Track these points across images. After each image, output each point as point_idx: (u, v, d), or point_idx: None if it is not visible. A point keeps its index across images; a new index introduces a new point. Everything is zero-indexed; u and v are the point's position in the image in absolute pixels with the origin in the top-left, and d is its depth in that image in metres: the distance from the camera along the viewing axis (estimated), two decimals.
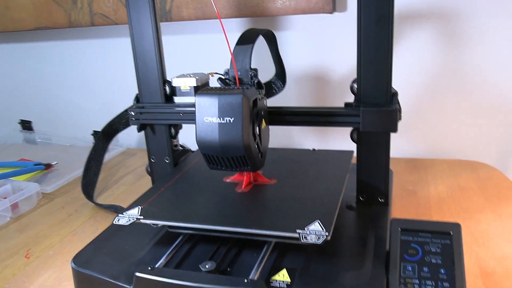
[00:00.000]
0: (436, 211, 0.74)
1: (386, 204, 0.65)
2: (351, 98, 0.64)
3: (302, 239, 0.49)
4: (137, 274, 0.50)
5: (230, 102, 0.54)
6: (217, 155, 0.57)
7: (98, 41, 1.16)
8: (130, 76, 1.14)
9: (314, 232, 0.49)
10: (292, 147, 1.04)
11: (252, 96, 0.56)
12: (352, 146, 0.67)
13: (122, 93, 1.18)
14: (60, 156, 1.09)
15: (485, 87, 0.93)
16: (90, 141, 1.20)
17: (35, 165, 1.01)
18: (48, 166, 1.02)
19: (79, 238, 0.75)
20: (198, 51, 1.07)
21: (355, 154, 0.67)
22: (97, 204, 0.85)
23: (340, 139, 1.03)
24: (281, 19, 0.98)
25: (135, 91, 1.10)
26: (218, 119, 0.55)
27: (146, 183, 0.95)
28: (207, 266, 0.52)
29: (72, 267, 0.57)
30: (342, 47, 0.97)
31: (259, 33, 0.62)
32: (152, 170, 0.76)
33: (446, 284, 0.48)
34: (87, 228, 0.78)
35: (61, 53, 1.21)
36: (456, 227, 0.53)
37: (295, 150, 0.77)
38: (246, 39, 0.61)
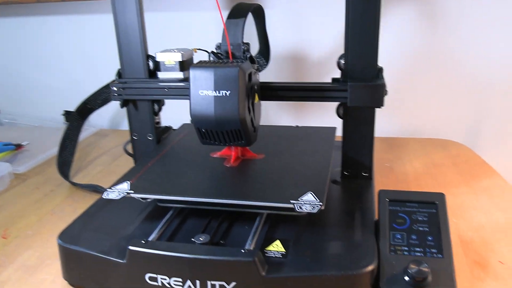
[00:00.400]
0: (414, 186, 0.77)
1: (370, 178, 0.67)
2: (329, 77, 0.64)
3: (297, 209, 0.49)
4: (130, 247, 0.49)
5: (226, 75, 0.54)
6: (211, 129, 0.57)
7: (67, 17, 1.11)
8: (100, 54, 1.12)
9: (309, 202, 0.50)
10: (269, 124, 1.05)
11: (248, 69, 0.56)
12: (328, 124, 0.68)
13: (92, 71, 1.14)
14: (29, 137, 1.05)
15: (457, 69, 0.97)
16: (59, 121, 1.16)
17: (4, 145, 0.97)
18: (18, 146, 0.98)
19: (58, 218, 0.73)
20: (178, 29, 1.05)
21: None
22: (74, 184, 0.83)
23: (318, 117, 1.04)
24: None
25: (106, 69, 1.07)
26: (214, 92, 0.54)
27: (123, 163, 0.94)
28: (201, 239, 0.52)
29: (58, 244, 0.55)
30: (321, 25, 0.98)
31: (251, 6, 0.61)
32: (134, 148, 0.74)
33: (433, 250, 0.50)
34: (65, 208, 0.76)
35: (27, 30, 1.16)
36: (441, 196, 0.55)
37: (279, 126, 0.78)
38: (238, 13, 0.60)
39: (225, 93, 0.54)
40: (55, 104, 1.19)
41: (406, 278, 0.47)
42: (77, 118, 0.87)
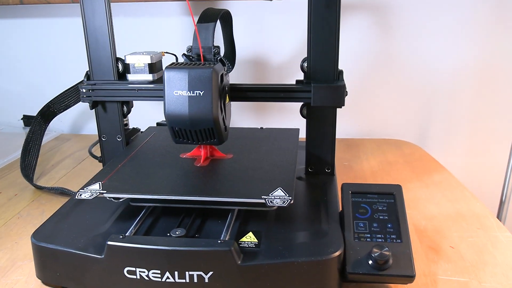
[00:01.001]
0: (371, 182, 0.82)
1: (332, 174, 0.71)
2: (290, 80, 0.69)
3: (269, 203, 0.53)
4: (109, 242, 0.51)
5: (199, 76, 0.56)
6: (185, 128, 0.59)
7: (24, 20, 1.10)
8: (58, 58, 1.11)
9: (279, 197, 0.53)
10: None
11: (220, 70, 0.58)
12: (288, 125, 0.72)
13: (49, 76, 1.13)
14: None
15: (407, 74, 1.04)
16: (16, 126, 1.14)
17: None
18: None
19: (25, 221, 0.72)
20: (143, 34, 1.07)
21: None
22: (39, 187, 0.82)
23: (278, 120, 1.08)
24: (223, 4, 1.01)
25: (64, 73, 1.07)
26: (188, 92, 0.57)
27: (87, 167, 0.94)
28: (177, 233, 0.54)
29: (32, 243, 0.55)
30: (281, 32, 1.03)
31: (220, 11, 0.64)
32: (102, 149, 0.75)
33: (393, 236, 0.55)
34: (32, 211, 0.75)
35: None
36: (398, 187, 0.60)
37: (245, 128, 0.81)
38: (207, 17, 0.63)
39: (199, 93, 0.56)
40: (11, 109, 1.16)
41: (370, 261, 0.52)
42: (39, 121, 0.86)
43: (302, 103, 0.69)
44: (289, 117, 1.08)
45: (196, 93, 0.56)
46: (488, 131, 1.07)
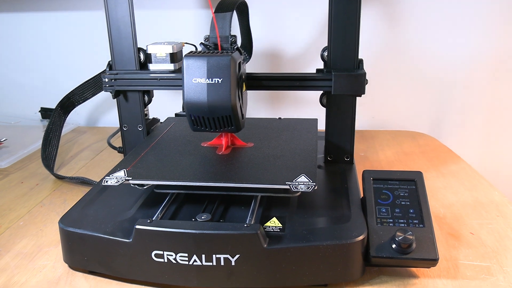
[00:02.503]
0: None
1: (351, 162, 0.72)
2: (306, 70, 0.69)
3: (293, 189, 0.53)
4: (137, 226, 0.52)
5: (218, 63, 0.57)
6: (203, 116, 0.59)
7: (41, 14, 1.11)
8: (74, 52, 1.12)
9: (303, 183, 0.54)
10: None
11: (238, 58, 0.59)
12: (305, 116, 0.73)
13: (66, 69, 1.15)
14: (6, 134, 1.04)
15: (420, 64, 1.04)
16: (33, 119, 1.16)
17: None
18: None
19: (48, 209, 0.73)
20: (161, 26, 1.08)
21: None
22: (60, 177, 0.83)
23: (293, 110, 1.09)
24: None
25: (80, 67, 1.08)
26: (207, 80, 0.57)
27: (106, 157, 0.95)
28: (203, 217, 0.54)
29: (60, 228, 0.57)
30: (297, 22, 1.03)
31: (237, 1, 0.65)
32: (124, 139, 0.76)
33: (415, 221, 0.55)
34: (54, 200, 0.76)
35: (1, 27, 1.15)
36: (419, 174, 0.61)
37: (263, 118, 0.81)
38: (224, 7, 0.64)
39: (218, 80, 0.57)
40: (28, 102, 1.18)
41: (393, 245, 0.52)
42: (59, 112, 0.88)
43: (321, 92, 0.70)
44: (304, 108, 1.08)
45: (215, 80, 0.57)
46: (503, 121, 1.07)
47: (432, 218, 0.55)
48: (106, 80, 0.71)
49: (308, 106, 1.08)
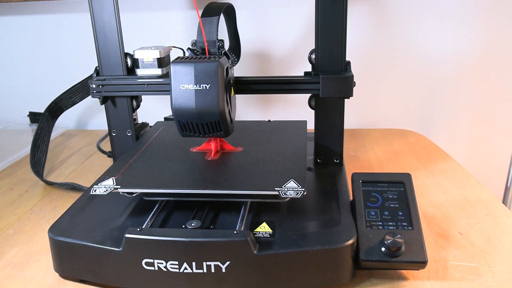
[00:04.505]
0: (378, 171, 0.83)
1: (341, 164, 0.72)
2: (293, 72, 0.69)
3: (282, 195, 0.53)
4: (127, 235, 0.52)
5: (206, 69, 0.57)
6: (192, 122, 0.59)
7: (28, 17, 1.10)
8: (62, 55, 1.11)
9: (292, 188, 0.54)
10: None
11: (225, 64, 0.59)
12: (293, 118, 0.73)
13: (54, 73, 1.14)
14: None
15: (409, 62, 1.05)
16: (21, 123, 1.15)
17: None
18: None
19: (38, 216, 0.73)
20: (146, 29, 1.07)
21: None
22: (50, 183, 0.83)
23: (282, 112, 1.09)
24: None
25: (68, 70, 1.07)
26: (195, 86, 0.57)
27: (96, 162, 0.94)
28: (193, 224, 0.54)
29: (49, 237, 0.56)
30: (284, 24, 1.03)
31: (223, 5, 0.65)
32: (113, 144, 0.76)
33: (404, 223, 0.56)
34: (44, 207, 0.76)
35: None
36: (407, 176, 0.61)
37: (252, 121, 0.81)
38: (211, 11, 0.63)
39: (205, 86, 0.57)
40: (17, 106, 1.17)
41: (383, 249, 0.53)
42: (47, 117, 0.87)
43: (310, 95, 0.70)
44: (294, 109, 1.08)
45: (203, 86, 0.57)
46: (492, 118, 1.08)
47: (421, 218, 0.56)
48: (94, 86, 0.71)
49: (298, 108, 1.08)
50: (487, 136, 1.09)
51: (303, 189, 0.54)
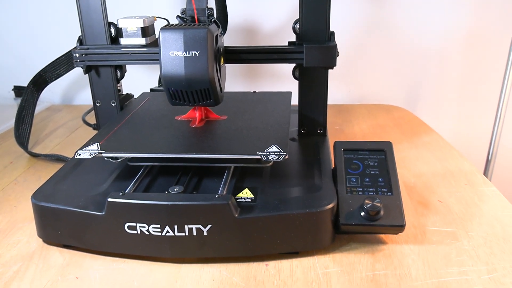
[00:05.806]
0: None
1: (325, 135, 0.73)
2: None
3: (264, 158, 0.54)
4: (109, 199, 0.52)
5: (195, 36, 0.57)
6: (181, 89, 0.59)
7: None
8: (45, 29, 1.10)
9: (274, 153, 0.55)
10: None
11: (215, 31, 0.59)
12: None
13: (37, 47, 1.12)
14: None
15: (397, 39, 1.05)
16: (7, 97, 1.14)
17: None
18: None
19: (22, 186, 0.73)
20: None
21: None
22: (34, 154, 0.83)
23: (269, 84, 1.09)
24: None
25: (55, 44, 1.06)
26: (184, 53, 0.57)
27: (81, 135, 0.94)
28: (175, 189, 0.55)
29: (33, 203, 0.56)
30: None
31: None
32: (97, 114, 0.75)
33: (384, 189, 0.57)
34: (29, 177, 0.76)
35: None
36: (388, 144, 0.62)
37: (238, 92, 0.81)
38: None
39: (195, 53, 0.57)
40: (1, 81, 1.15)
41: (362, 213, 0.54)
42: (32, 89, 0.86)
43: (294, 65, 0.70)
44: (281, 81, 1.09)
45: (192, 53, 0.57)
46: (476, 95, 1.09)
47: (401, 187, 0.57)
48: (77, 55, 0.70)
49: (284, 79, 1.08)
50: (470, 112, 1.11)
51: (285, 153, 0.54)
